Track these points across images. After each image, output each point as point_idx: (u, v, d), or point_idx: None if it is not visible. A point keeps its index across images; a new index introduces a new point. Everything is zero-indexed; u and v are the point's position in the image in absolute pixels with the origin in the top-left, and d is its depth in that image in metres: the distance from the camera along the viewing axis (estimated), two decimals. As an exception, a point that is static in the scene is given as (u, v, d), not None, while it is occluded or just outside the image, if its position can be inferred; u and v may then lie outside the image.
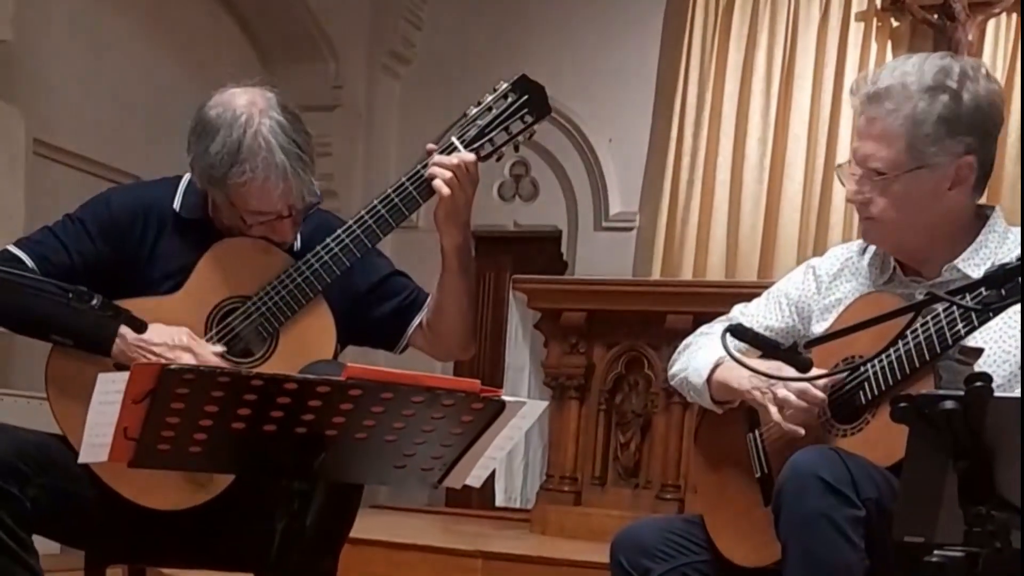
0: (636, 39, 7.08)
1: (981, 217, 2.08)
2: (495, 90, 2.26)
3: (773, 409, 2.02)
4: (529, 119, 2.25)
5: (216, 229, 2.26)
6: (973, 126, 2.00)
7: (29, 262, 2.18)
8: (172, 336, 2.14)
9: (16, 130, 5.27)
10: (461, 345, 2.35)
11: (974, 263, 2.02)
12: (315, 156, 2.21)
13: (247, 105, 2.15)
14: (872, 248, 2.17)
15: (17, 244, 2.23)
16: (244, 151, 2.11)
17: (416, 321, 2.34)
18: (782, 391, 2.00)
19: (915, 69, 2.01)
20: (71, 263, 2.21)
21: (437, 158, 2.20)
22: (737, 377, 2.10)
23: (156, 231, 2.25)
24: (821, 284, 2.22)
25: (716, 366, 2.16)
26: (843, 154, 6.36)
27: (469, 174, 2.19)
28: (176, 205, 2.28)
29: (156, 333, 2.12)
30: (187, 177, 2.30)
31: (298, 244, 2.29)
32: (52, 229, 2.25)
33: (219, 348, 2.18)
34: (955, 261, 2.04)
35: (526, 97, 2.25)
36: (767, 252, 6.58)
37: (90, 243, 2.23)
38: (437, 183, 2.18)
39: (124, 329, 2.07)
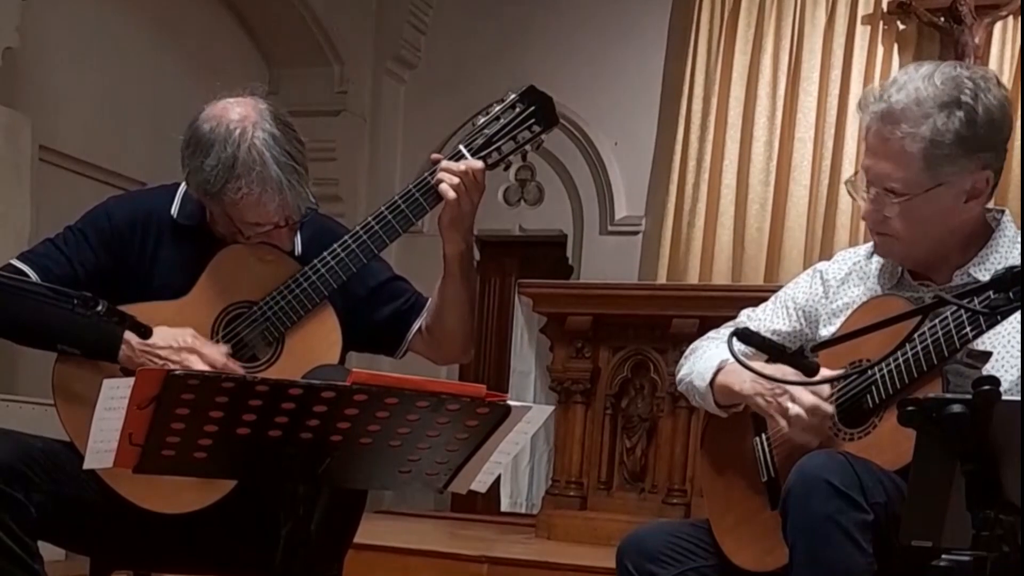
0: (642, 43, 7.08)
1: (991, 221, 2.07)
2: (503, 100, 2.26)
3: (781, 421, 2.00)
4: (536, 129, 2.25)
5: (214, 236, 2.27)
6: (989, 141, 1.96)
7: (33, 274, 2.19)
8: (176, 338, 2.14)
9: (22, 137, 5.28)
10: (461, 349, 2.36)
11: (985, 268, 2.01)
12: (309, 164, 2.21)
13: (240, 119, 2.15)
14: (881, 252, 2.16)
15: (20, 257, 2.25)
16: (239, 167, 2.12)
17: (416, 325, 2.34)
18: (794, 408, 1.97)
19: (927, 84, 1.95)
20: (73, 273, 2.22)
21: (445, 164, 2.20)
22: (739, 381, 2.08)
23: (155, 239, 2.27)
24: (829, 288, 2.20)
25: (719, 369, 2.15)
26: (849, 157, 6.35)
27: (476, 181, 2.20)
28: (174, 212, 2.29)
29: (161, 337, 2.12)
30: (184, 185, 2.30)
31: (299, 249, 2.30)
32: (53, 241, 2.27)
33: (225, 348, 2.18)
34: (967, 266, 2.03)
35: (534, 108, 2.25)
36: (773, 256, 6.57)
37: (91, 253, 2.24)
38: (443, 187, 2.18)
39: (129, 335, 2.07)
